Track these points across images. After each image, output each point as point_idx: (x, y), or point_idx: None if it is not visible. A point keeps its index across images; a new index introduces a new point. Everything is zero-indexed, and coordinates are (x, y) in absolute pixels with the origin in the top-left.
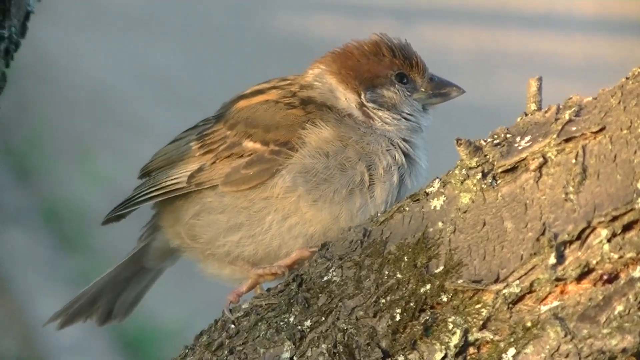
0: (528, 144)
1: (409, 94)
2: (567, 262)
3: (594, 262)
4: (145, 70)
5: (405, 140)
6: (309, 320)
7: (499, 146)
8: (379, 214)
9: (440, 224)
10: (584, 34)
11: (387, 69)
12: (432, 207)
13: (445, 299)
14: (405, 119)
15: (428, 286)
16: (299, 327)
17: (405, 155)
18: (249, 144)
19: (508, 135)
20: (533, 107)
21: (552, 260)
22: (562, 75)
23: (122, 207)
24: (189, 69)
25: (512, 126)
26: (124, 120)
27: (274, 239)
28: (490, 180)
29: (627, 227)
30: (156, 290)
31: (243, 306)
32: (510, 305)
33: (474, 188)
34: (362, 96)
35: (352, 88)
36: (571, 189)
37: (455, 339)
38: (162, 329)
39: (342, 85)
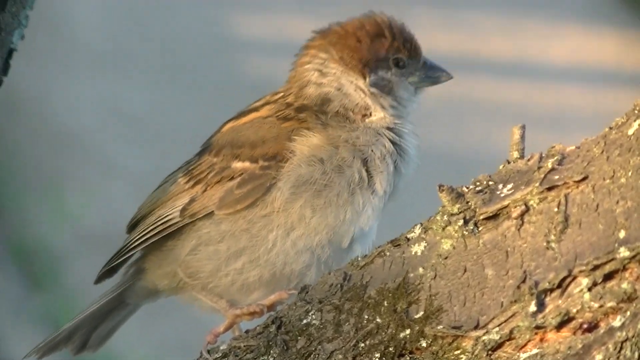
0: (510, 192)
1: (404, 77)
2: (547, 310)
3: (574, 310)
4: (116, 109)
5: (389, 129)
6: None
7: (481, 193)
8: (359, 258)
9: (421, 269)
10: (556, 82)
11: (387, 51)
12: (413, 253)
13: (424, 345)
14: (400, 103)
15: (407, 331)
16: None
17: (394, 143)
18: (237, 165)
19: (490, 183)
20: (516, 154)
21: (533, 307)
22: (534, 124)
23: (114, 259)
24: (159, 108)
25: (494, 173)
26: (93, 158)
27: (278, 256)
28: (472, 227)
29: (608, 277)
30: (123, 328)
31: (221, 347)
32: (490, 352)
33: (456, 234)
34: (367, 80)
35: (359, 72)
36: (553, 237)
37: None
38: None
39: (352, 71)
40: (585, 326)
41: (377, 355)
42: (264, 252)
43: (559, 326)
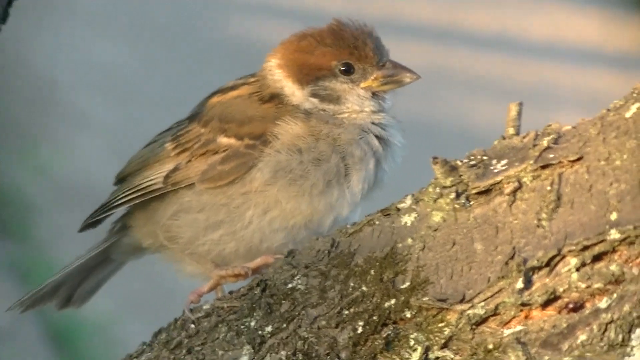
0: (504, 168)
1: (354, 84)
2: (534, 288)
3: (561, 289)
4: (93, 64)
5: (374, 124)
6: (270, 326)
7: (474, 167)
8: (348, 226)
9: (409, 240)
10: (536, 58)
11: (331, 59)
12: (403, 223)
13: (408, 315)
14: (350, 109)
15: (393, 301)
16: (260, 332)
17: (379, 138)
18: (223, 140)
19: (484, 157)
20: (511, 131)
21: (520, 284)
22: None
23: (98, 212)
24: (137, 65)
25: (489, 148)
26: (66, 112)
27: (255, 233)
28: (463, 201)
29: (597, 258)
30: None
31: (204, 307)
32: (474, 327)
33: (447, 207)
34: (305, 89)
35: (298, 81)
36: (544, 215)
37: (415, 356)
38: (89, 321)
39: (290, 78)
40: (571, 306)
41: (361, 323)
42: (240, 227)
43: (545, 304)
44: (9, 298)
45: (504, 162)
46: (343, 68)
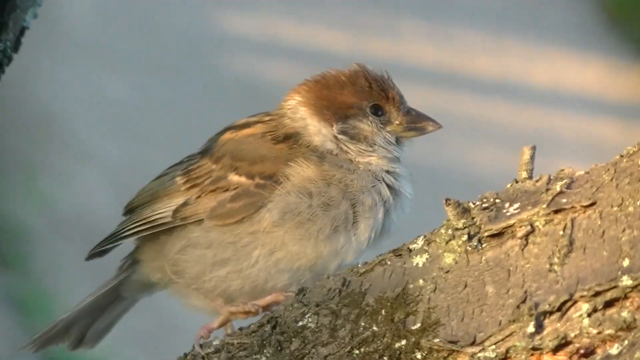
0: (517, 211)
1: (382, 126)
2: (545, 332)
3: (572, 335)
4: (98, 98)
5: (388, 172)
6: None
7: (487, 210)
8: (359, 265)
9: (421, 281)
10: (539, 104)
11: (361, 99)
12: (415, 264)
13: (419, 357)
14: (376, 151)
15: (403, 342)
16: None
17: (390, 187)
18: (234, 178)
19: (497, 200)
20: (524, 174)
21: (531, 328)
22: (513, 145)
23: (106, 242)
24: (142, 101)
25: (501, 191)
26: (70, 145)
27: (260, 272)
28: (475, 243)
29: (608, 304)
30: None
31: (214, 342)
32: None
33: (459, 249)
34: (334, 127)
35: (325, 119)
36: (556, 260)
37: None
38: (89, 354)
39: (316, 117)
40: (582, 351)
41: None
42: (247, 266)
43: (556, 349)
44: (6, 329)
45: (516, 205)
46: (374, 110)
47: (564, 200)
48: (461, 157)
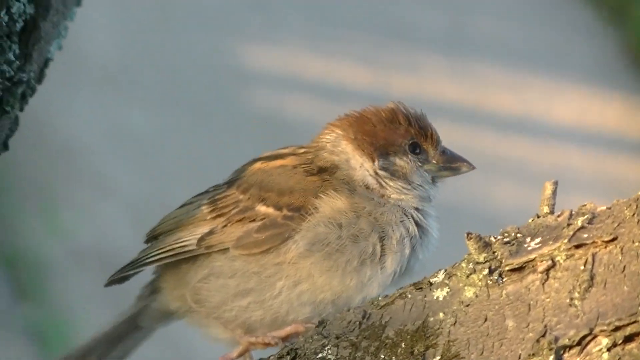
0: (538, 246)
1: (420, 164)
2: None
3: None
4: (117, 130)
5: (417, 210)
6: None
7: (508, 244)
8: (379, 298)
9: (441, 314)
10: (558, 142)
11: (401, 137)
12: (435, 297)
13: None
14: (414, 189)
15: None
16: None
17: (418, 225)
18: (261, 208)
19: (518, 235)
20: (546, 209)
21: None
22: (532, 182)
23: (128, 268)
24: (161, 133)
25: (523, 226)
26: (91, 177)
27: (283, 304)
28: (496, 277)
29: (628, 339)
30: None
31: None
32: None
33: (480, 283)
34: (376, 163)
35: (367, 154)
36: (577, 294)
37: None
38: None
39: (359, 151)
40: None
41: None
42: (269, 297)
43: None
44: None
45: (537, 240)
46: (413, 148)
47: (586, 236)
48: (481, 193)
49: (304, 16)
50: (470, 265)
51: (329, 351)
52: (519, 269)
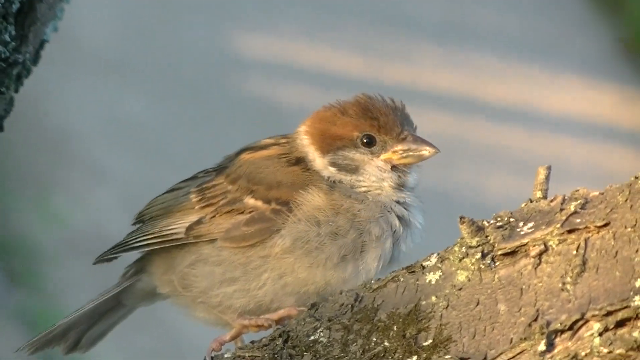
0: (530, 230)
1: (374, 155)
2: (556, 351)
3: (583, 353)
4: (112, 116)
5: (398, 202)
6: None
7: (501, 229)
8: (372, 281)
9: (433, 298)
10: (553, 131)
11: (352, 130)
12: (427, 281)
13: None
14: (368, 180)
15: (414, 358)
16: None
17: (400, 218)
18: (250, 201)
19: (511, 219)
20: (539, 194)
21: (542, 347)
22: (526, 172)
23: (115, 250)
24: (156, 120)
25: (516, 210)
26: (84, 163)
27: (267, 294)
28: (489, 261)
29: (620, 324)
30: None
31: (225, 355)
32: None
33: (472, 267)
34: (325, 158)
35: (319, 149)
36: (569, 279)
37: None
38: None
39: (314, 145)
40: None
41: None
42: (255, 287)
43: None
44: (18, 346)
45: (530, 224)
46: (365, 140)
47: (578, 221)
48: (473, 182)
49: (300, 4)
50: (463, 249)
51: (321, 334)
52: (512, 253)
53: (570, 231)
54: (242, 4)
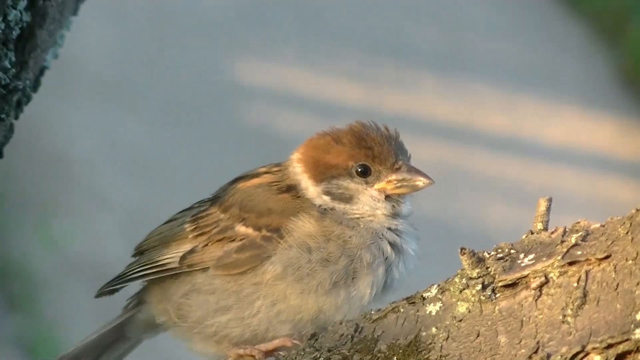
0: (531, 262)
1: (368, 185)
2: None
3: None
4: (113, 142)
5: (390, 229)
6: None
7: (501, 260)
8: (372, 311)
9: (434, 329)
10: (550, 162)
11: (347, 159)
12: (428, 312)
13: None
14: (362, 209)
15: None
16: None
17: (392, 244)
18: (241, 229)
19: (512, 251)
20: (539, 226)
21: None
22: (524, 202)
23: (115, 282)
24: (157, 146)
25: (516, 242)
26: (84, 188)
27: (262, 322)
28: (489, 293)
29: (620, 356)
30: None
31: None
32: None
33: (472, 298)
34: (320, 186)
35: (313, 177)
36: (569, 311)
37: None
38: None
39: (307, 174)
40: None
41: None
42: (248, 315)
43: None
44: None
45: (531, 256)
46: (360, 169)
47: (579, 253)
48: (472, 212)
49: (300, 33)
50: (464, 281)
51: None
52: (512, 285)
53: (571, 263)
54: (243, 31)
